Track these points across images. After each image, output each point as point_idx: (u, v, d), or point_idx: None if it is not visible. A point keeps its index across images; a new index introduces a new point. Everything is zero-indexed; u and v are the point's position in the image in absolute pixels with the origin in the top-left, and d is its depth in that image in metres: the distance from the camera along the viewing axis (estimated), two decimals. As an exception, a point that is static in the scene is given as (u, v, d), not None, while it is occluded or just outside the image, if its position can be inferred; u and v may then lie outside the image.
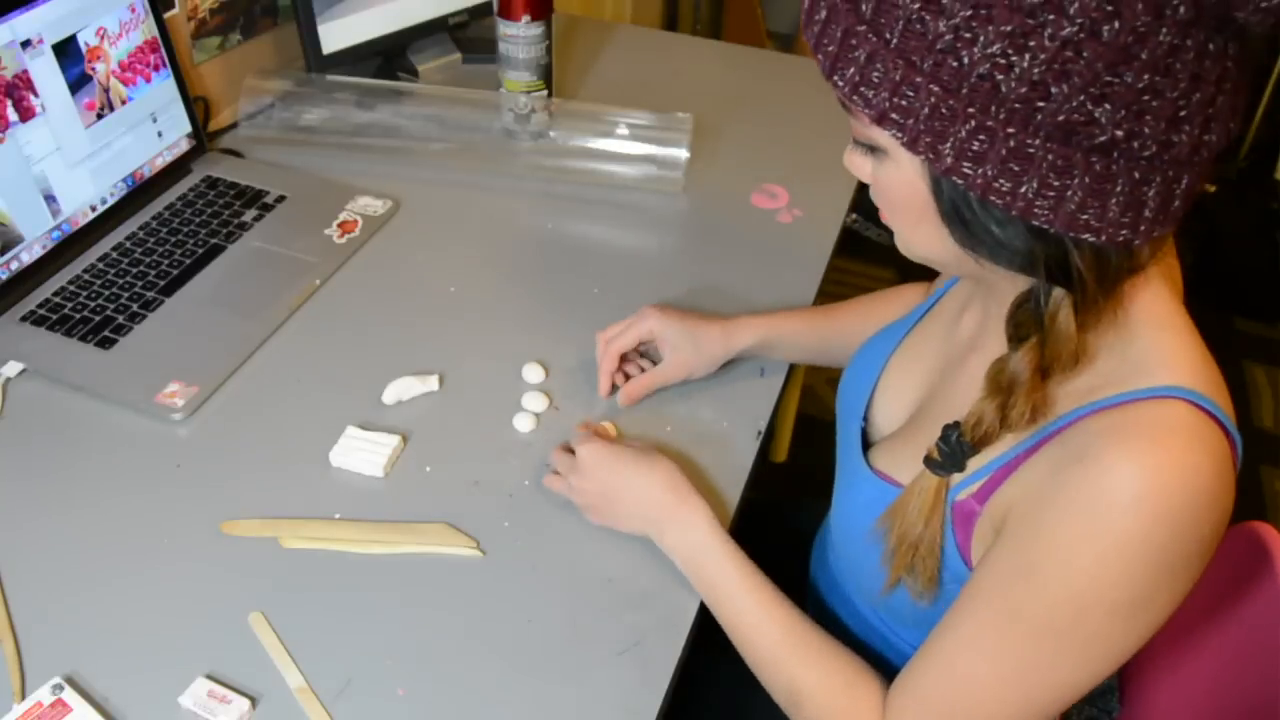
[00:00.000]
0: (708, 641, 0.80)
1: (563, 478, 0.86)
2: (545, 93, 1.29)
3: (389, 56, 1.48)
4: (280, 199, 1.19)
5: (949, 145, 0.53)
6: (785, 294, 1.11)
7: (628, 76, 1.53)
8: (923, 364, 0.80)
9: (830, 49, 0.56)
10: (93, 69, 1.08)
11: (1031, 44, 0.50)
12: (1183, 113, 0.51)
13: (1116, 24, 0.49)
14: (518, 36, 1.24)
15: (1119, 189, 0.53)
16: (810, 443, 2.00)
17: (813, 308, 1.02)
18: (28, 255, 1.03)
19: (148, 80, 1.15)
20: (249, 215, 1.16)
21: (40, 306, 1.02)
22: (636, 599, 0.80)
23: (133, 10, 1.11)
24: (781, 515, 1.09)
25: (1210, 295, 2.49)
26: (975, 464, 0.66)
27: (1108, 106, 0.50)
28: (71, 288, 1.04)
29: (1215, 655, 0.82)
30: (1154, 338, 0.61)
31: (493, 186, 1.27)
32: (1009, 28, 0.50)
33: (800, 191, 1.28)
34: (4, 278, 1.01)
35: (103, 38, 1.08)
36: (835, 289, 1.14)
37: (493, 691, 0.73)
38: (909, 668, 0.68)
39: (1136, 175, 0.53)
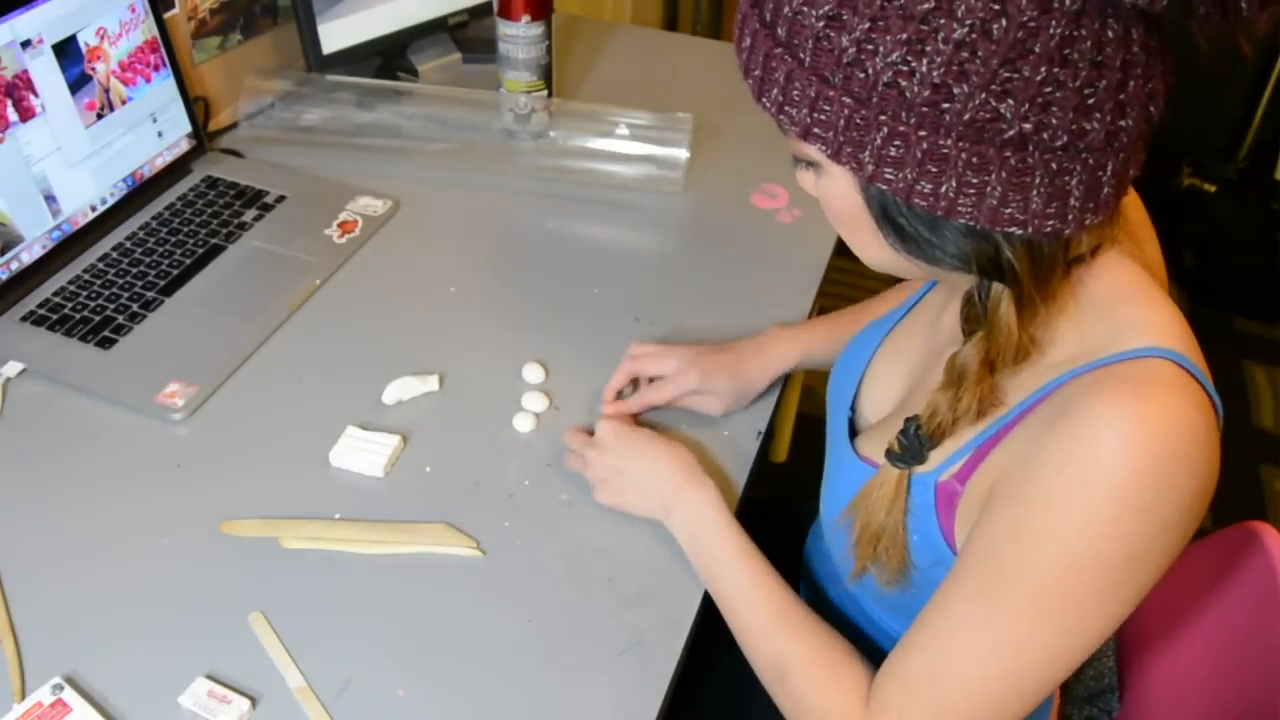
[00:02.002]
0: (708, 641, 0.80)
1: (577, 457, 0.87)
2: (545, 93, 1.29)
3: (389, 56, 1.48)
4: (280, 199, 1.19)
5: (868, 153, 0.55)
6: (785, 294, 1.11)
7: (628, 76, 1.53)
8: (908, 355, 0.81)
9: (757, 74, 0.59)
10: (93, 69, 1.08)
11: (927, 48, 0.51)
12: (1090, 101, 0.52)
13: (1004, 21, 0.50)
14: (518, 36, 1.24)
15: (1038, 181, 0.54)
16: (810, 443, 2.00)
17: (836, 313, 1.02)
18: (28, 255, 1.03)
19: (148, 80, 1.15)
20: (249, 215, 1.16)
21: (40, 306, 1.02)
22: (636, 599, 0.80)
23: (133, 10, 1.11)
24: (778, 512, 1.09)
25: (1210, 295, 2.50)
26: (955, 444, 0.67)
27: (1011, 101, 0.52)
28: (71, 288, 1.04)
29: (1215, 655, 0.82)
30: (1128, 309, 0.62)
31: (493, 186, 1.27)
32: (904, 35, 0.52)
33: (800, 191, 1.28)
34: (4, 278, 1.01)
35: (103, 38, 1.08)
36: (835, 289, 1.14)
37: (493, 691, 0.73)
38: (896, 650, 0.68)
39: (1054, 166, 0.54)
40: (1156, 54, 0.54)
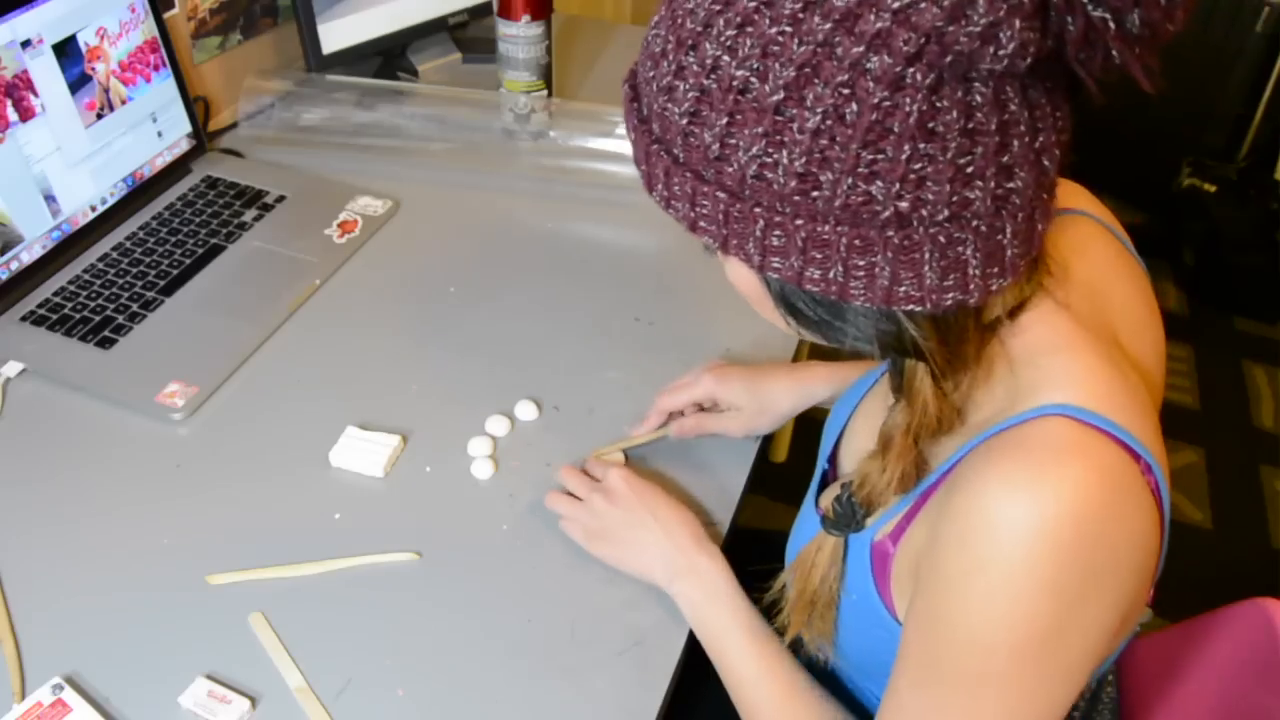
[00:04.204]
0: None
1: (569, 499, 0.84)
2: (545, 93, 1.29)
3: (389, 56, 1.48)
4: (280, 199, 1.19)
5: (752, 244, 0.54)
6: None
7: (628, 76, 1.53)
8: (881, 411, 0.80)
9: (643, 168, 0.58)
10: (93, 69, 1.08)
11: (786, 139, 0.50)
12: (969, 170, 0.49)
13: (855, 105, 0.48)
14: (518, 36, 1.24)
15: (928, 256, 0.51)
16: (810, 443, 2.00)
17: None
18: (28, 255, 1.03)
19: (148, 80, 1.15)
20: (249, 215, 1.16)
21: (40, 306, 1.02)
22: (636, 599, 0.80)
23: (133, 10, 1.11)
24: (771, 541, 1.08)
25: (1210, 295, 2.50)
26: (879, 509, 0.65)
27: (880, 183, 0.49)
28: (71, 288, 1.04)
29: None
30: (1041, 364, 0.59)
31: (493, 186, 1.27)
32: (761, 129, 0.50)
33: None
34: (4, 278, 1.01)
35: (103, 38, 1.08)
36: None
37: (493, 691, 0.73)
38: None
39: (942, 239, 0.51)
40: (1042, 106, 0.51)
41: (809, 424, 2.07)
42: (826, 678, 0.85)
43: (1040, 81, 0.51)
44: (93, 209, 1.10)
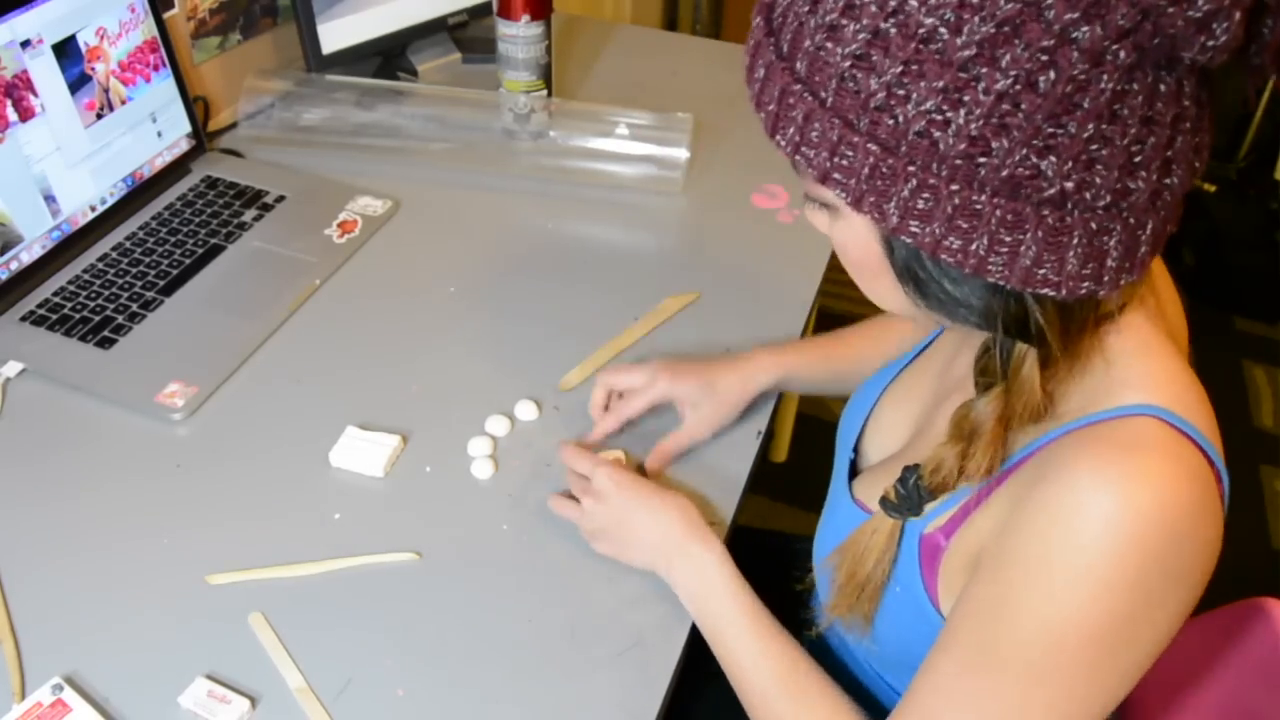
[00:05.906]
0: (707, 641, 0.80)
1: (568, 503, 0.83)
2: (545, 93, 1.29)
3: (389, 56, 1.48)
4: (280, 199, 1.19)
5: (893, 204, 0.52)
6: (785, 294, 1.11)
7: (628, 76, 1.53)
8: (915, 399, 0.78)
9: (771, 108, 0.55)
10: (92, 69, 1.08)
11: (966, 99, 0.48)
12: (1137, 159, 0.49)
13: (1053, 74, 0.46)
14: (517, 36, 1.24)
15: (1076, 241, 0.50)
16: (810, 443, 2.00)
17: (823, 336, 0.99)
18: (28, 255, 1.03)
19: (147, 80, 1.15)
20: (249, 215, 1.16)
21: (40, 306, 1.02)
22: (636, 599, 0.80)
23: (132, 10, 1.11)
24: (778, 543, 1.08)
25: (1210, 295, 2.50)
26: (943, 496, 0.64)
27: (1053, 159, 0.48)
28: (71, 288, 1.04)
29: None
30: (1126, 363, 0.58)
31: (493, 186, 1.27)
32: (941, 83, 0.48)
33: (800, 191, 1.28)
34: (4, 278, 1.01)
35: (102, 38, 1.08)
36: (835, 289, 1.14)
37: (493, 691, 0.73)
38: (891, 717, 0.65)
39: (1094, 226, 0.50)
40: (1206, 106, 0.51)
41: (810, 424, 2.07)
42: (842, 671, 0.85)
43: (1209, 82, 0.50)
44: (92, 209, 1.10)
